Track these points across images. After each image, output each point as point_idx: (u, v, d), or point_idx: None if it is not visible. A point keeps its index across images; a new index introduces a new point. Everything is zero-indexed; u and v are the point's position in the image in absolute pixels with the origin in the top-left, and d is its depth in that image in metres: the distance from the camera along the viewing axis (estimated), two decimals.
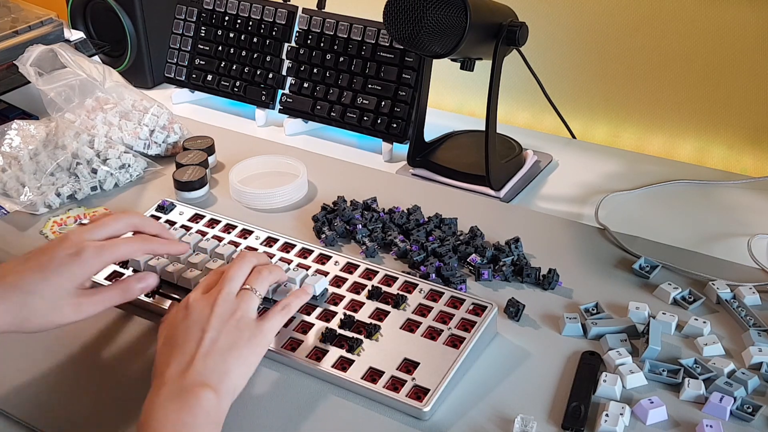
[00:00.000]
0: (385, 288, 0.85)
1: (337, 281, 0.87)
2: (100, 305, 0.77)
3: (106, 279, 0.88)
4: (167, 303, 0.85)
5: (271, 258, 0.90)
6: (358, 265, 0.88)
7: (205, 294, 0.74)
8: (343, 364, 0.77)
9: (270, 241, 0.93)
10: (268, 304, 0.80)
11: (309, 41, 1.21)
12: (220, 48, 1.29)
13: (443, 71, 1.21)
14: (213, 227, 0.97)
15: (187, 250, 0.86)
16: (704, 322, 0.82)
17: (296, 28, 1.23)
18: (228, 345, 0.70)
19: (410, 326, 0.80)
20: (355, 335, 0.79)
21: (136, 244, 0.81)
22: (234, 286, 0.75)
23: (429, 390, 0.73)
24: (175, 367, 0.68)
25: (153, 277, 0.82)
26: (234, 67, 1.28)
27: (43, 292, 0.74)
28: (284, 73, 1.25)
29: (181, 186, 1.05)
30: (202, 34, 1.30)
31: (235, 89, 1.27)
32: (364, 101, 1.16)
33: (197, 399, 0.65)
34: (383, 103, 1.15)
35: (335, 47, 1.19)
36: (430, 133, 1.14)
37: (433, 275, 0.89)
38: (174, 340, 0.71)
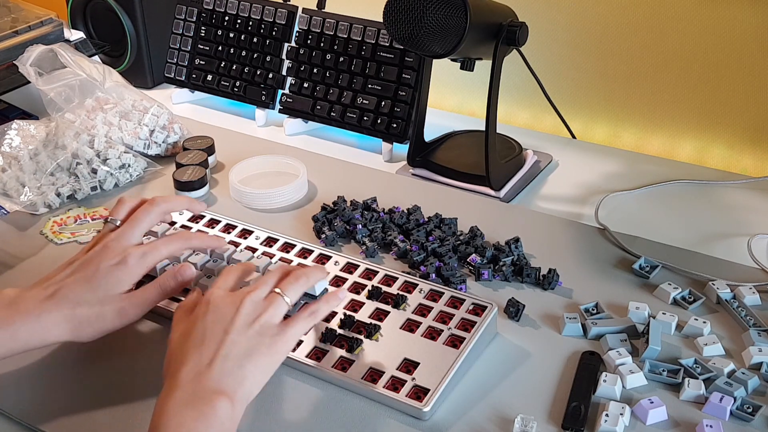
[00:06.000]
0: (385, 288, 0.85)
1: (337, 281, 0.87)
2: (141, 306, 0.78)
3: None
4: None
5: (271, 258, 0.90)
6: (358, 265, 0.88)
7: (232, 292, 0.73)
8: (343, 364, 0.77)
9: (270, 241, 0.94)
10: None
11: (309, 41, 1.21)
12: (220, 48, 1.29)
13: (443, 71, 1.21)
14: (213, 227, 0.97)
15: (225, 244, 0.87)
16: (704, 322, 0.82)
17: (296, 28, 1.23)
18: (248, 350, 0.68)
19: (410, 326, 0.80)
20: (355, 335, 0.79)
21: (177, 243, 0.82)
22: (265, 289, 0.73)
23: (429, 390, 0.73)
24: (192, 367, 0.67)
25: (189, 268, 0.81)
26: (234, 67, 1.28)
27: (91, 300, 0.76)
28: (284, 73, 1.25)
29: (181, 186, 1.05)
30: (202, 34, 1.30)
31: (235, 89, 1.27)
32: (364, 101, 1.16)
33: (213, 408, 0.64)
34: (383, 103, 1.15)
35: (335, 47, 1.19)
36: (430, 133, 1.14)
37: (433, 275, 0.89)
38: (193, 337, 0.69)
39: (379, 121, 1.15)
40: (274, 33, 1.24)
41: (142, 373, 0.78)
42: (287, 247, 0.92)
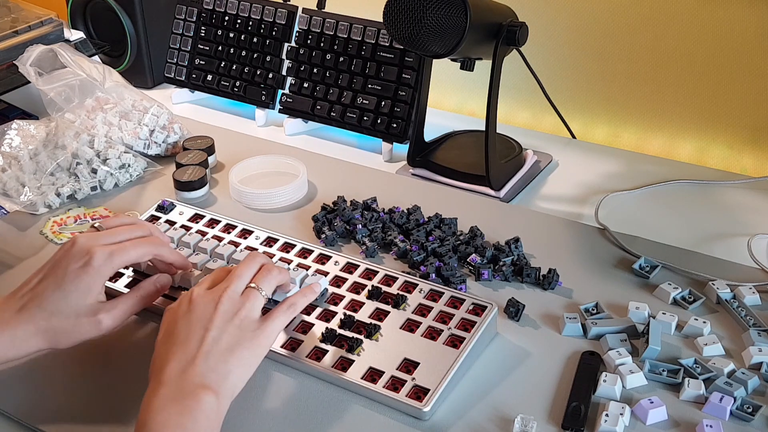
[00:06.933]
0: (385, 288, 0.85)
1: (337, 281, 0.87)
2: (119, 317, 0.77)
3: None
4: (167, 304, 0.84)
5: (271, 258, 0.90)
6: (358, 265, 0.88)
7: (210, 290, 0.74)
8: (343, 364, 0.77)
9: (270, 241, 0.94)
10: (269, 305, 0.80)
11: (309, 41, 1.21)
12: (220, 48, 1.29)
13: (443, 71, 1.21)
14: (213, 227, 0.97)
15: (190, 267, 0.86)
16: (704, 322, 0.82)
17: (296, 28, 1.23)
18: (230, 345, 0.70)
19: (410, 326, 0.80)
20: (355, 335, 0.79)
21: (146, 248, 0.81)
22: (240, 284, 0.74)
23: (429, 390, 0.73)
24: (176, 365, 0.67)
25: (166, 278, 0.82)
26: (234, 67, 1.28)
27: (65, 310, 0.75)
28: (284, 73, 1.25)
29: (181, 186, 1.05)
30: (202, 34, 1.30)
31: (235, 89, 1.27)
32: (364, 101, 1.16)
33: (198, 402, 0.65)
34: (383, 103, 1.15)
35: (335, 47, 1.19)
36: (430, 133, 1.14)
37: (433, 275, 0.89)
38: (175, 336, 0.70)
39: (379, 121, 1.15)
40: (274, 33, 1.24)
41: (141, 372, 0.78)
42: (287, 247, 0.92)
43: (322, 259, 0.90)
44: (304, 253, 0.91)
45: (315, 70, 1.21)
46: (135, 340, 0.83)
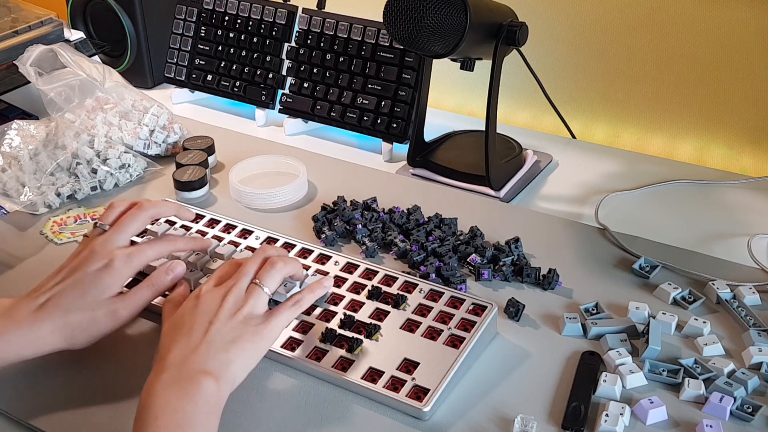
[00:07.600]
0: (385, 288, 0.85)
1: (337, 281, 0.87)
2: (134, 306, 0.79)
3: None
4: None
5: None
6: (358, 265, 0.88)
7: (218, 287, 0.76)
8: (343, 364, 0.77)
9: (270, 241, 0.94)
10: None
11: (309, 41, 1.21)
12: (220, 48, 1.29)
13: (443, 71, 1.21)
14: (213, 227, 0.97)
15: (211, 244, 0.87)
16: (704, 322, 0.82)
17: (296, 28, 1.23)
18: (233, 337, 0.71)
19: (410, 326, 0.80)
20: (355, 335, 0.79)
21: (163, 246, 0.83)
22: (247, 280, 0.76)
23: (429, 390, 0.74)
24: (178, 352, 0.69)
25: (180, 265, 0.82)
26: (234, 67, 1.28)
27: (82, 306, 0.76)
28: (284, 73, 1.25)
29: (181, 186, 1.05)
30: (202, 34, 1.30)
31: (235, 89, 1.27)
32: (364, 101, 1.16)
33: (198, 387, 0.66)
34: (383, 103, 1.15)
35: (335, 47, 1.19)
36: (430, 133, 1.14)
37: (433, 275, 0.89)
38: (181, 327, 0.72)
39: (379, 121, 1.15)
40: (274, 33, 1.24)
41: (139, 370, 0.78)
42: (287, 247, 0.92)
43: (322, 259, 0.90)
44: (304, 253, 0.91)
45: (315, 70, 1.21)
46: (132, 338, 0.83)
